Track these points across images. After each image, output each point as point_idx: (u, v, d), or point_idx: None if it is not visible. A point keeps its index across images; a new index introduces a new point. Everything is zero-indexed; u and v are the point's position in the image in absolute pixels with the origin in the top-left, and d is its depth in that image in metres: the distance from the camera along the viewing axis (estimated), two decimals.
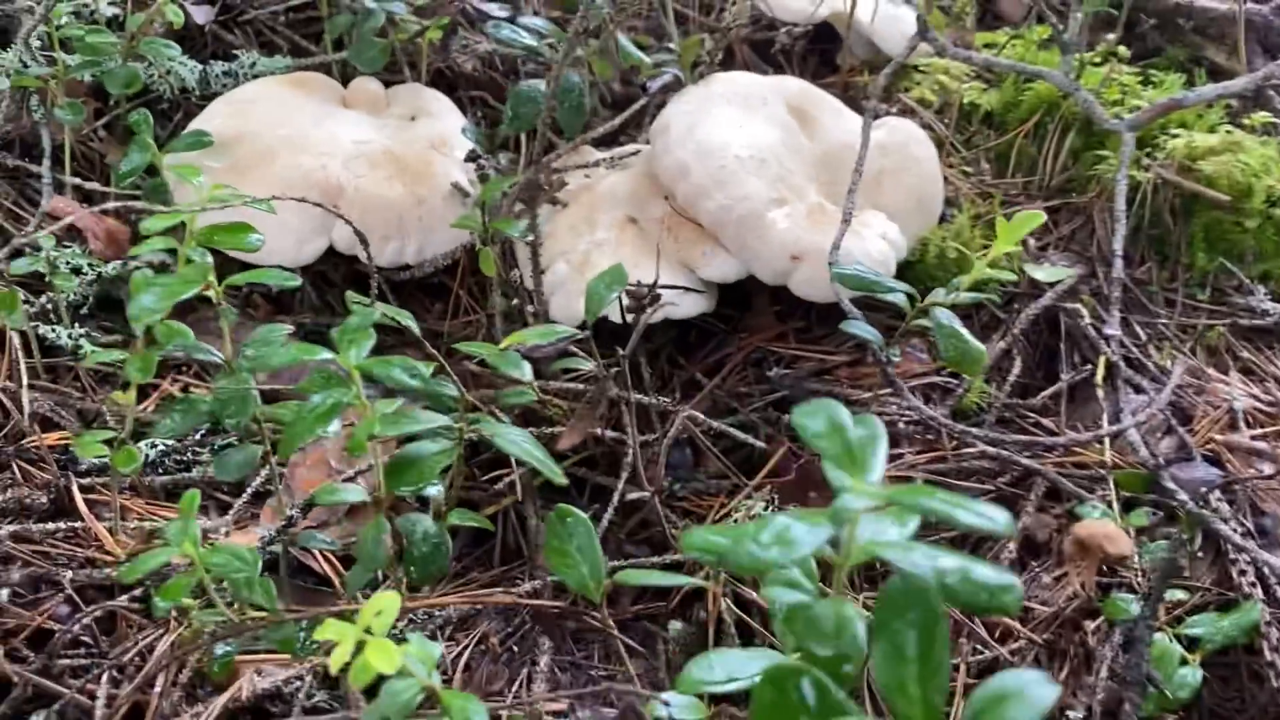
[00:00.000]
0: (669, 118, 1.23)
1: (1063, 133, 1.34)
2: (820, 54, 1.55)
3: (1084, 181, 1.33)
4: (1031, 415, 1.14)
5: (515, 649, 1.02)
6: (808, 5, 1.44)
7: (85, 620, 0.92)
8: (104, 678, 0.90)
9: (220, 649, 0.82)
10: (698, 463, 1.16)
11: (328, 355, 0.79)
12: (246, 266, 1.08)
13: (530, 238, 1.14)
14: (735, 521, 1.07)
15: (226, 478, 0.90)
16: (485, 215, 1.14)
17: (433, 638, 0.97)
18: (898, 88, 1.46)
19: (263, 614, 0.84)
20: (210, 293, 0.85)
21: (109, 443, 0.98)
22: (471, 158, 1.30)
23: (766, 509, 1.07)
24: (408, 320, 1.00)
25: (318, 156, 1.27)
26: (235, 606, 0.88)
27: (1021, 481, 1.08)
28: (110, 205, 1.10)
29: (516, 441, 0.82)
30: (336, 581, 1.04)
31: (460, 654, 1.00)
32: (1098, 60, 1.39)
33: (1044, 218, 0.90)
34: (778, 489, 1.08)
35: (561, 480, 0.83)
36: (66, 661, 0.91)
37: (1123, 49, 1.40)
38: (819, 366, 1.22)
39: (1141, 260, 1.30)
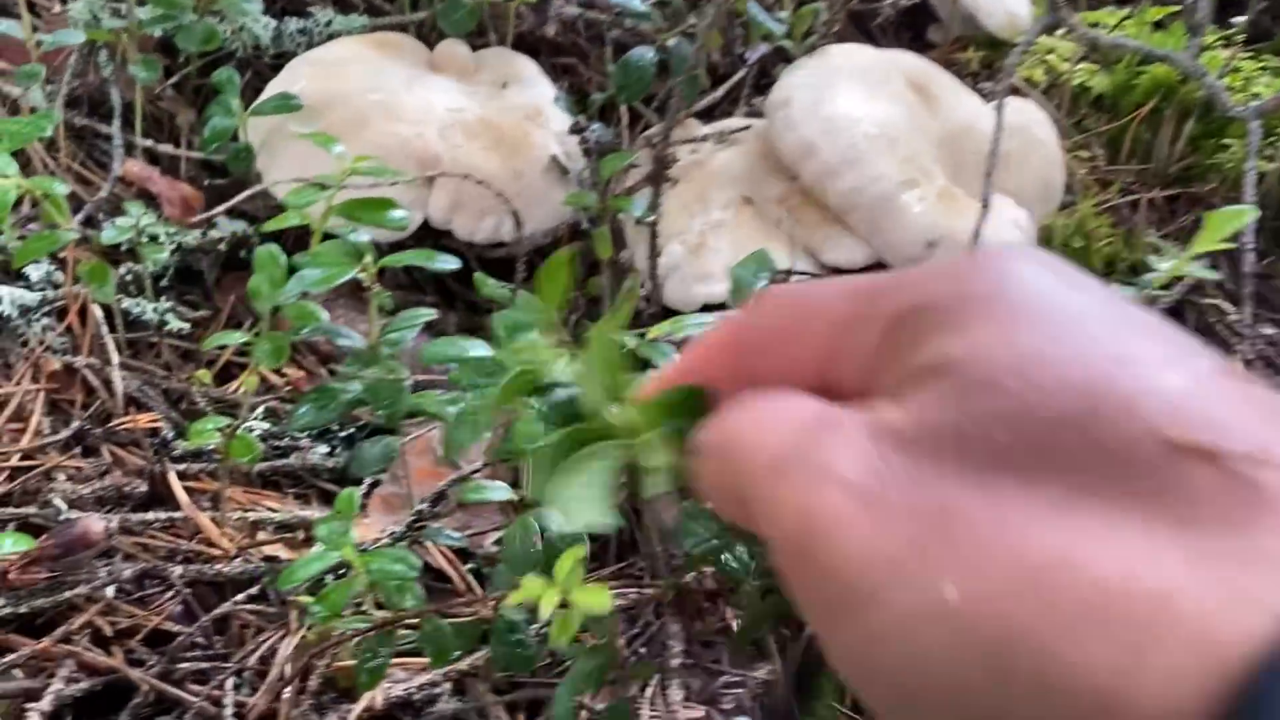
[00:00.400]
0: (789, 91, 1.17)
1: (1180, 119, 1.29)
2: (911, 28, 1.49)
3: (1204, 170, 1.28)
4: None
5: (642, 651, 0.98)
6: None
7: (205, 622, 0.86)
8: (228, 684, 0.84)
9: (371, 659, 0.76)
10: None
11: (487, 352, 0.73)
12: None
13: (651, 218, 1.08)
14: None
15: (363, 473, 0.84)
16: (604, 193, 1.08)
17: None
18: (999, 66, 1.41)
19: (413, 620, 0.78)
20: (363, 275, 0.79)
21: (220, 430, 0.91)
22: (576, 130, 1.23)
23: None
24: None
25: (413, 125, 1.20)
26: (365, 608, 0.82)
27: None
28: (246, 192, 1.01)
29: None
30: (455, 576, 0.99)
31: None
32: (1214, 44, 1.34)
33: (1254, 213, 0.85)
34: None
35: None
36: (187, 665, 0.85)
37: (1239, 33, 1.36)
38: None
39: (1263, 255, 1.26)
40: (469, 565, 1.00)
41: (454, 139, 1.21)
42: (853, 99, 1.15)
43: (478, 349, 0.73)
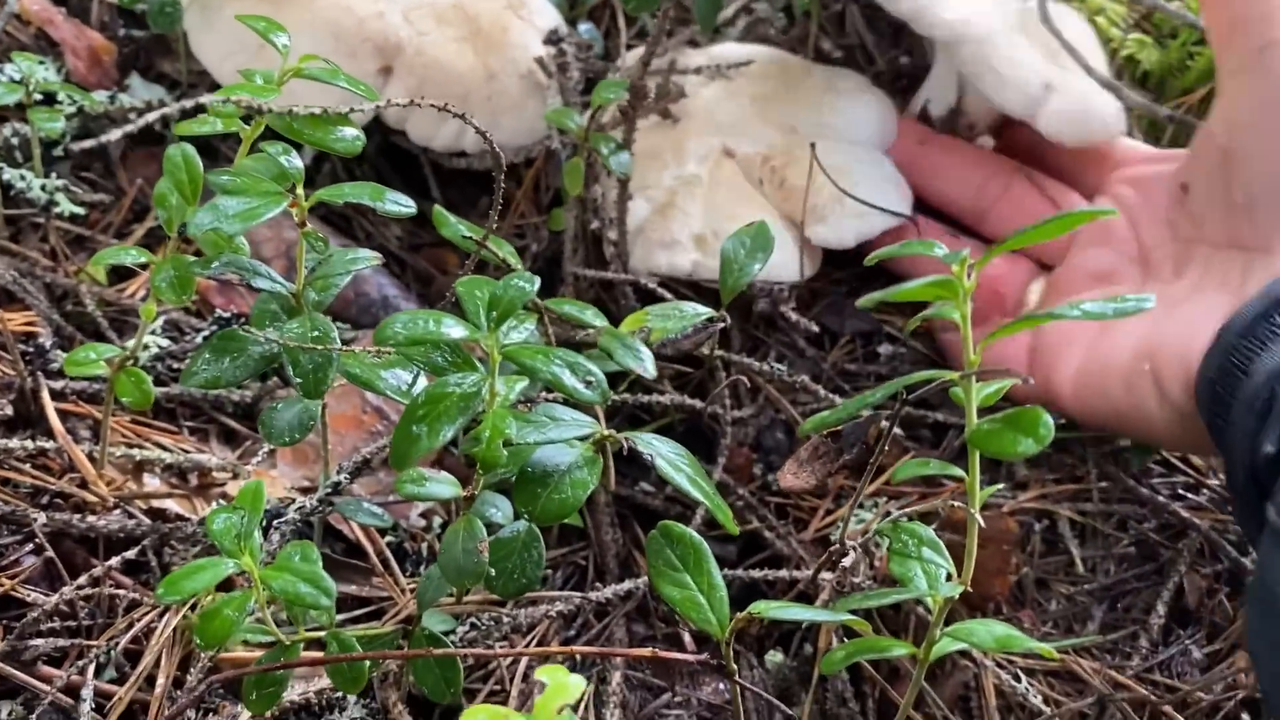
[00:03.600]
0: None
1: None
2: None
3: None
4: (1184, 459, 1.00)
5: (578, 659, 0.86)
6: None
7: (69, 593, 0.72)
8: (89, 670, 0.71)
9: (265, 682, 0.63)
10: (792, 449, 0.99)
11: (464, 332, 0.59)
12: None
13: (625, 173, 0.92)
14: (842, 533, 0.91)
15: (275, 442, 0.69)
16: (590, 123, 0.92)
17: (487, 637, 0.80)
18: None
19: (317, 637, 0.65)
20: (293, 211, 0.63)
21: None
22: (552, 40, 1.05)
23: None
24: (512, 258, 0.79)
25: (374, 1, 1.01)
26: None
27: (1173, 532, 0.94)
28: None
29: (683, 469, 0.64)
30: (371, 552, 0.85)
31: (516, 661, 0.83)
32: None
33: None
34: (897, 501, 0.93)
35: (735, 529, 0.65)
36: (41, 643, 0.71)
37: None
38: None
39: None
40: (388, 538, 0.87)
41: (421, 24, 1.03)
42: None
43: (451, 328, 0.59)
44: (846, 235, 1.02)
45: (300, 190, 0.63)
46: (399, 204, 0.65)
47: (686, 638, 0.88)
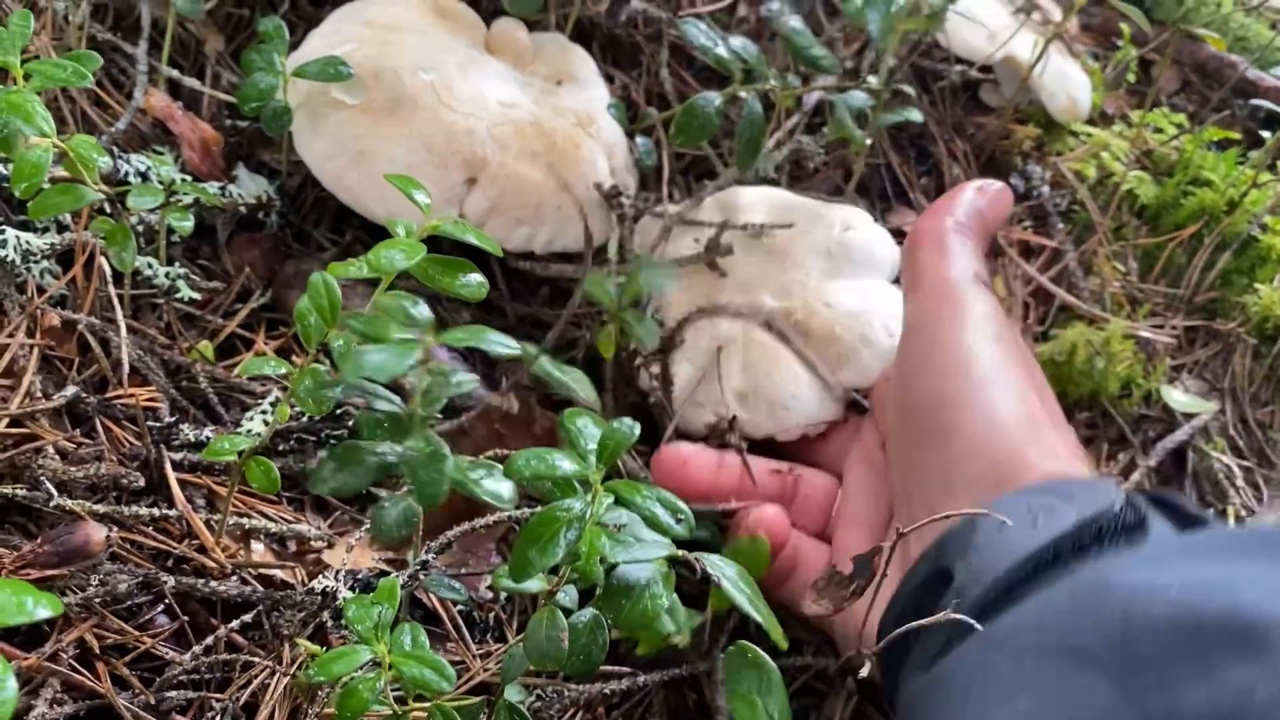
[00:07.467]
0: None
1: (1217, 248, 1.30)
2: (970, 89, 1.46)
3: (1229, 307, 1.29)
4: None
5: None
6: (987, 45, 1.35)
7: (200, 653, 0.83)
8: None
9: None
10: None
11: (574, 468, 0.70)
12: None
13: (652, 343, 1.04)
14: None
15: (385, 539, 0.81)
16: (623, 301, 1.04)
17: (549, 708, 0.92)
18: (1051, 150, 1.40)
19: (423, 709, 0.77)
20: (421, 354, 0.75)
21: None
22: (611, 194, 1.16)
23: None
24: (587, 391, 0.90)
25: (464, 116, 1.13)
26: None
27: None
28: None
29: (744, 590, 0.75)
30: (445, 619, 0.97)
31: None
32: (1267, 182, 1.34)
33: None
34: None
35: (784, 644, 0.77)
36: (174, 694, 0.83)
37: None
38: None
39: (1265, 402, 1.28)
40: (459, 607, 0.98)
41: (504, 139, 1.15)
42: None
43: (563, 463, 0.71)
44: (872, 374, 1.10)
45: (430, 337, 0.74)
46: (505, 346, 0.77)
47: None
